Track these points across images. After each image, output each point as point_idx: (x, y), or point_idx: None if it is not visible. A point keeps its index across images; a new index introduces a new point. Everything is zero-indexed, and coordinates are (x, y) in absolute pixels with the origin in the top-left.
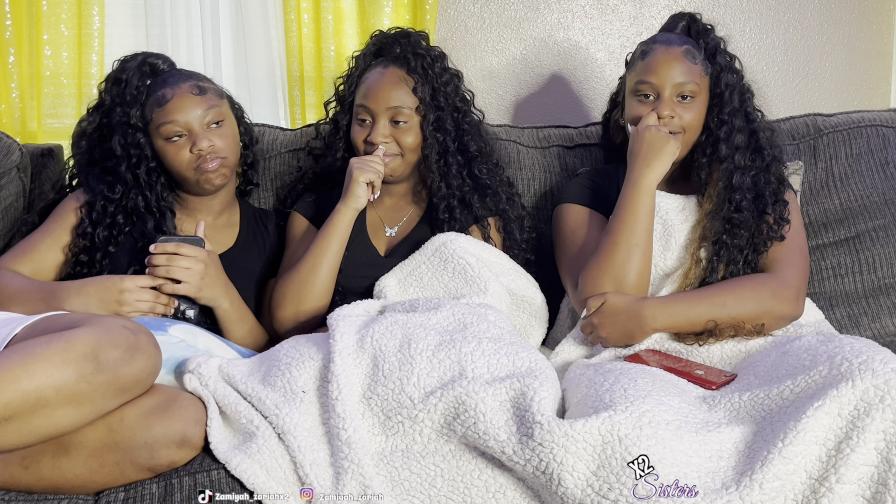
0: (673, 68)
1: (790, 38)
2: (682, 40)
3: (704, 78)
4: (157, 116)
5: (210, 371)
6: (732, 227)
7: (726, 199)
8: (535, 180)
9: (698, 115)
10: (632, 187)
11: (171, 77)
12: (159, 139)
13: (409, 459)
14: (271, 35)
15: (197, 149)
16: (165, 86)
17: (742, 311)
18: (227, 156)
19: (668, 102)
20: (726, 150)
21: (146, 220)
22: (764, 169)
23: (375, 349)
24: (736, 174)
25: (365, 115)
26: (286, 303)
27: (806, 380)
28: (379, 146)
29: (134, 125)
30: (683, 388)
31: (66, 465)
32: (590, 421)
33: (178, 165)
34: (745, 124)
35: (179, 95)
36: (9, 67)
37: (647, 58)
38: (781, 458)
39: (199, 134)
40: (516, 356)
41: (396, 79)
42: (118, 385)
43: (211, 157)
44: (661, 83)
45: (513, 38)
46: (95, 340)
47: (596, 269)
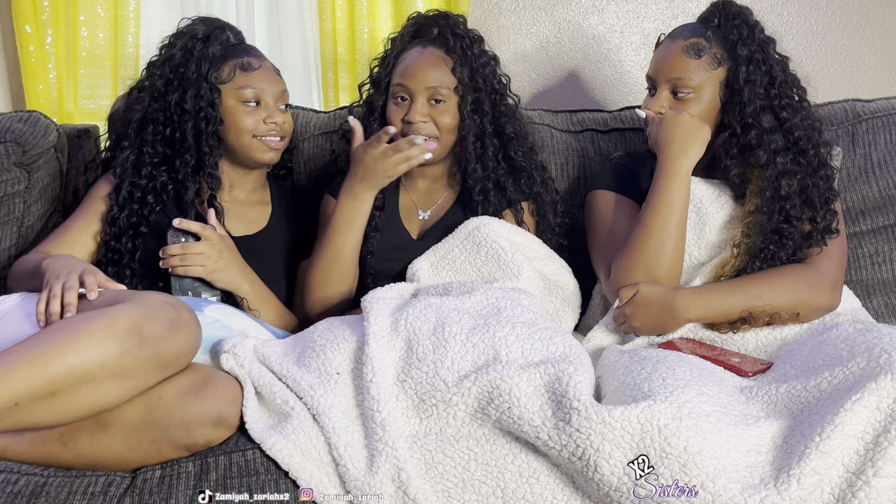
0: (668, 63)
1: (829, 23)
2: (694, 33)
3: (710, 73)
4: (240, 79)
5: (245, 351)
6: (781, 238)
7: (776, 208)
8: (569, 165)
9: (699, 112)
10: (665, 176)
11: (253, 50)
12: (233, 100)
13: (442, 443)
14: (305, 17)
15: (272, 120)
16: (249, 55)
17: (777, 303)
18: (288, 136)
19: (660, 99)
20: (765, 156)
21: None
22: (811, 173)
23: (409, 332)
24: (783, 180)
25: (403, 94)
26: (314, 288)
27: (844, 371)
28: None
29: (211, 82)
30: (721, 376)
31: (103, 442)
32: (629, 409)
33: (243, 128)
34: (776, 123)
35: (265, 68)
36: (46, 48)
37: (655, 51)
38: (819, 452)
39: (273, 108)
40: (550, 341)
41: (436, 58)
42: (160, 360)
43: (278, 134)
44: (656, 77)
45: (546, 21)
46: (138, 316)
47: (628, 260)
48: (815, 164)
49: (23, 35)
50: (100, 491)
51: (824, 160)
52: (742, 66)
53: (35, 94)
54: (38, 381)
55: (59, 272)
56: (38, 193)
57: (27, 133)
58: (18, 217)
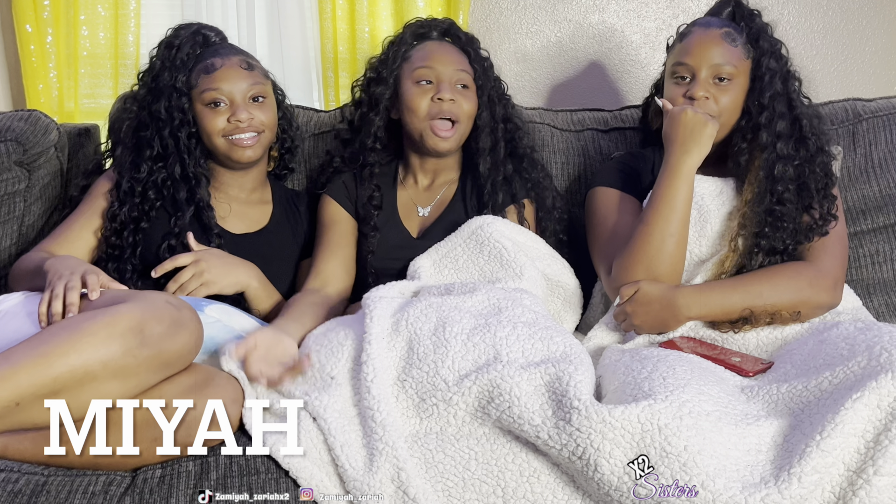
0: (710, 49)
1: (830, 22)
2: (723, 23)
3: (744, 61)
4: (203, 82)
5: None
6: (775, 220)
7: (768, 189)
8: (570, 164)
9: (735, 99)
10: (668, 174)
11: (223, 49)
12: (199, 104)
13: (443, 442)
14: (305, 17)
15: (236, 119)
16: (216, 55)
17: (778, 301)
18: (263, 130)
19: (704, 83)
20: (767, 137)
21: (180, 189)
22: (808, 160)
23: (411, 332)
24: (778, 164)
25: (429, 76)
26: None
27: (844, 370)
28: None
29: (179, 89)
30: (721, 375)
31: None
32: (629, 408)
33: (212, 130)
34: (787, 110)
35: (228, 66)
36: (46, 47)
37: (685, 39)
38: (819, 451)
39: (240, 105)
40: (551, 340)
41: (455, 48)
42: (162, 359)
43: (248, 129)
44: (697, 64)
45: (547, 21)
46: (140, 315)
47: (629, 258)
48: (812, 151)
49: (23, 34)
50: (100, 490)
51: (823, 147)
52: (765, 56)
53: (35, 93)
54: (40, 381)
55: (62, 272)
56: (39, 192)
57: (28, 132)
58: (19, 216)
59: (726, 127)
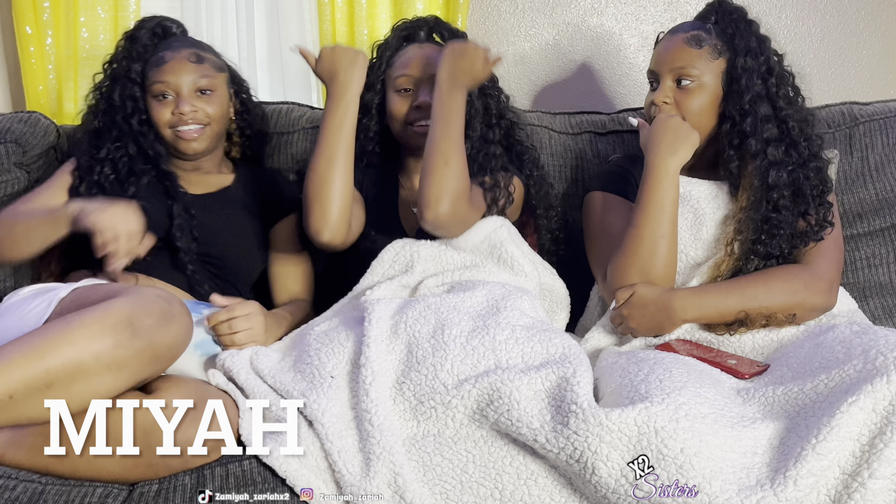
0: (670, 54)
1: (827, 25)
2: (692, 27)
3: (712, 62)
4: (152, 75)
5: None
6: (771, 227)
7: (764, 197)
8: (567, 166)
9: (702, 102)
10: (654, 176)
11: (176, 42)
12: (149, 96)
13: (440, 445)
14: (305, 19)
15: (179, 111)
16: (168, 49)
17: (774, 303)
18: (208, 123)
19: (665, 89)
20: (756, 144)
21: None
22: (801, 164)
23: (409, 335)
24: (771, 171)
25: (408, 84)
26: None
27: (840, 374)
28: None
29: (132, 79)
30: (717, 378)
31: (100, 462)
32: (626, 411)
33: (158, 122)
34: (771, 112)
35: (177, 60)
36: (46, 49)
37: (655, 48)
38: (815, 454)
39: (184, 98)
40: (549, 343)
41: (434, 51)
42: (153, 351)
43: (192, 122)
44: (659, 69)
45: (545, 24)
46: (130, 308)
47: (622, 262)
48: (805, 156)
49: (23, 36)
50: (97, 502)
51: (816, 152)
52: (741, 56)
53: (35, 95)
54: (33, 374)
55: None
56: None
57: (27, 134)
58: None
59: (699, 131)
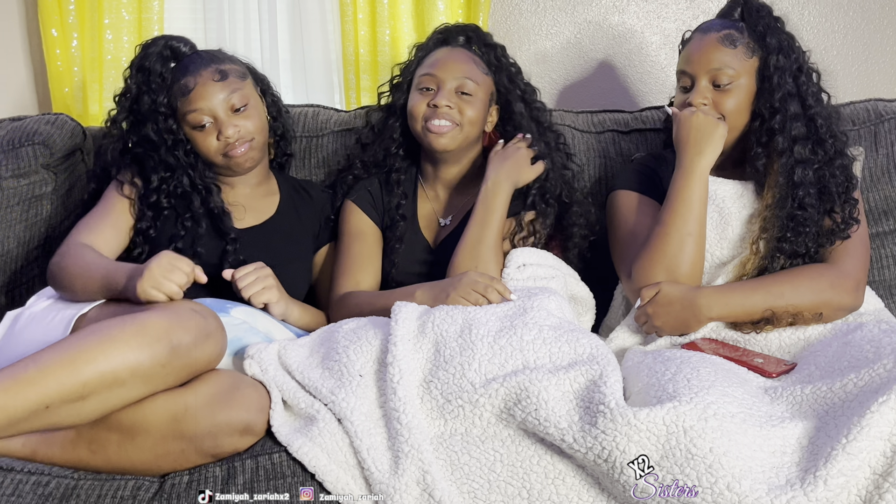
0: (706, 55)
1: (850, 22)
2: (724, 25)
3: (746, 62)
4: (182, 105)
5: (270, 358)
6: (797, 225)
7: (789, 194)
8: (590, 165)
9: (739, 102)
10: (683, 174)
11: (192, 63)
12: (187, 127)
13: (468, 444)
14: (327, 19)
15: (224, 136)
16: (187, 73)
17: (800, 302)
18: (254, 137)
19: (702, 90)
20: (784, 141)
21: (192, 199)
22: (828, 162)
23: (437, 334)
24: (797, 169)
25: (430, 84)
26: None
27: (870, 373)
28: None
29: (164, 113)
30: (744, 377)
31: (132, 451)
32: (654, 411)
33: (207, 152)
34: (801, 111)
35: (202, 83)
36: (72, 51)
37: (686, 47)
38: (845, 454)
39: (224, 121)
40: (577, 343)
41: (465, 56)
42: (190, 369)
43: (239, 143)
44: (695, 71)
45: (567, 22)
46: (168, 324)
47: (648, 259)
48: (831, 154)
49: (49, 38)
50: (129, 495)
51: (841, 149)
52: (773, 54)
53: (61, 97)
54: (70, 386)
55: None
56: (65, 195)
57: (54, 135)
58: (45, 218)
59: (735, 130)
